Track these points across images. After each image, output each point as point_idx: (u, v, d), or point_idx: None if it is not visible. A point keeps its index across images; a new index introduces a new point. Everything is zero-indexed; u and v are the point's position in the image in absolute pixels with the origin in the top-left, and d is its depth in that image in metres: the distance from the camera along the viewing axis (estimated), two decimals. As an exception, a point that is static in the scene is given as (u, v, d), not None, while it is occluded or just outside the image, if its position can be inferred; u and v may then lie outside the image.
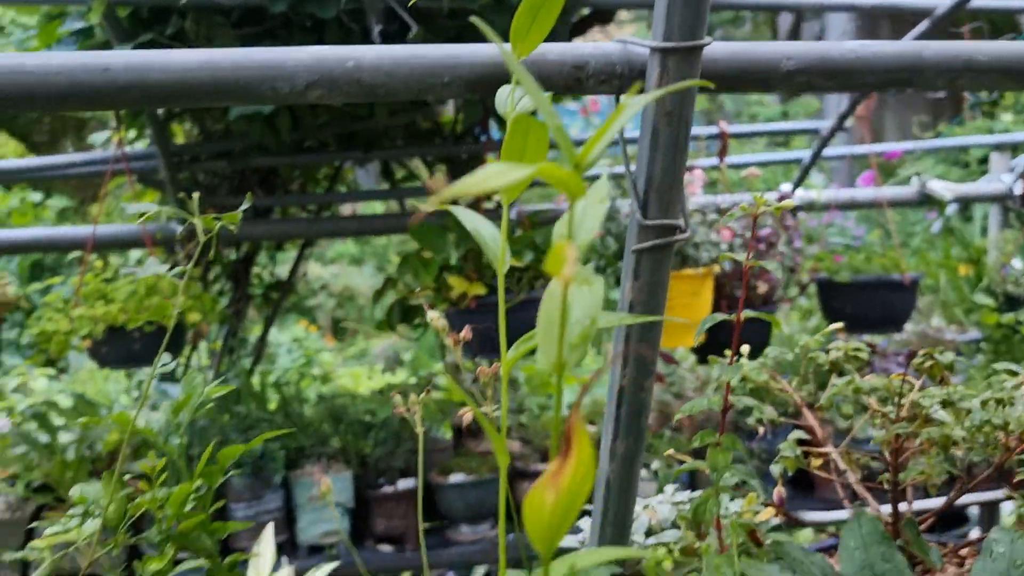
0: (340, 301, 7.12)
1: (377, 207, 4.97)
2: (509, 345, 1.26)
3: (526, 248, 2.44)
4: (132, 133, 2.67)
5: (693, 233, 2.52)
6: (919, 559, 1.02)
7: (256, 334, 3.41)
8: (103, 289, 2.26)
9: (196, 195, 0.89)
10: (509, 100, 0.53)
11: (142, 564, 0.76)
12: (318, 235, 3.05)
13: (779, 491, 0.97)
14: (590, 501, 0.95)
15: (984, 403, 1.03)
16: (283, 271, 3.43)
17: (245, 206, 0.86)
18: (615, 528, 0.86)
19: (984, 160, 7.07)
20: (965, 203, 3.75)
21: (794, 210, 2.99)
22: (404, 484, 2.60)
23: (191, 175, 2.68)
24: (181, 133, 2.71)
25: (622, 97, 0.80)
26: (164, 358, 1.15)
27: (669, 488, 1.06)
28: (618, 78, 0.75)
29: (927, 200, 3.27)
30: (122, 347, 2.23)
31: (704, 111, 8.10)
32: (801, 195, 3.05)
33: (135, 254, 3.39)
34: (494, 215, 2.59)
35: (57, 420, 2.49)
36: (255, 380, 2.95)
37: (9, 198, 6.02)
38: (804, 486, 2.74)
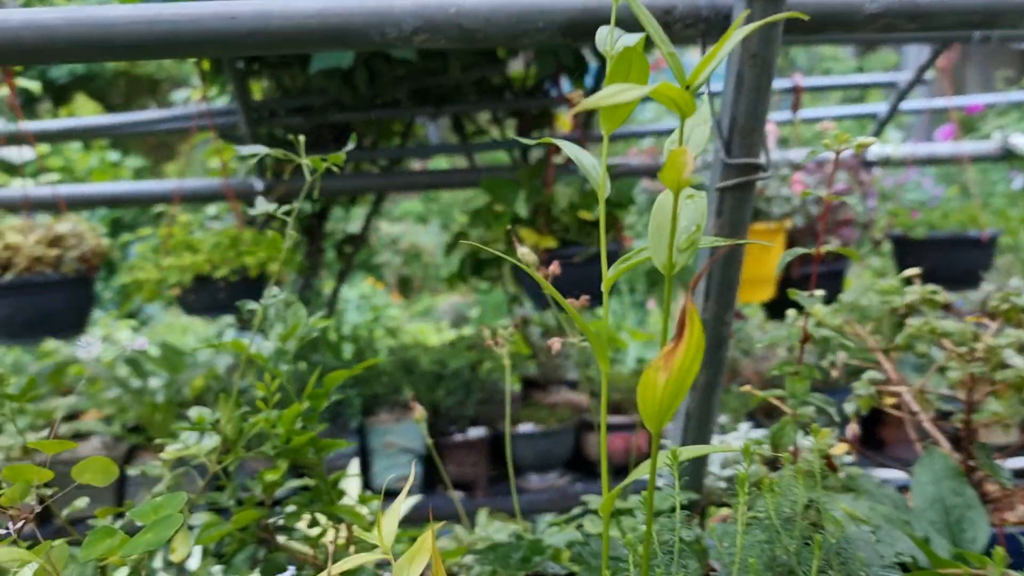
0: (406, 259, 7.24)
1: (444, 163, 5.03)
2: (583, 293, 1.29)
3: (596, 201, 2.46)
4: (212, 91, 2.77)
5: (767, 183, 2.51)
6: (989, 495, 1.05)
7: (329, 288, 3.51)
8: (189, 240, 2.36)
9: (301, 138, 0.95)
10: (608, 38, 0.56)
11: (260, 475, 0.83)
12: (390, 188, 3.11)
13: (853, 427, 1.00)
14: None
15: (1062, 346, 1.04)
16: (354, 228, 3.52)
17: (350, 146, 0.91)
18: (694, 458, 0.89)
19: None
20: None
21: (869, 165, 2.94)
22: (474, 432, 2.68)
23: (269, 131, 2.77)
24: (259, 90, 2.79)
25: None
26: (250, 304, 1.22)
27: (744, 425, 1.10)
28: (704, 22, 0.78)
29: (1009, 155, 3.19)
30: (208, 295, 2.33)
31: (776, 68, 7.92)
32: (877, 151, 3.01)
33: (210, 209, 3.51)
34: (563, 169, 2.62)
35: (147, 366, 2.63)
36: (330, 332, 3.05)
37: (89, 157, 6.24)
38: (873, 445, 2.74)
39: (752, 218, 2.59)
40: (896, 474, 2.23)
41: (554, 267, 0.88)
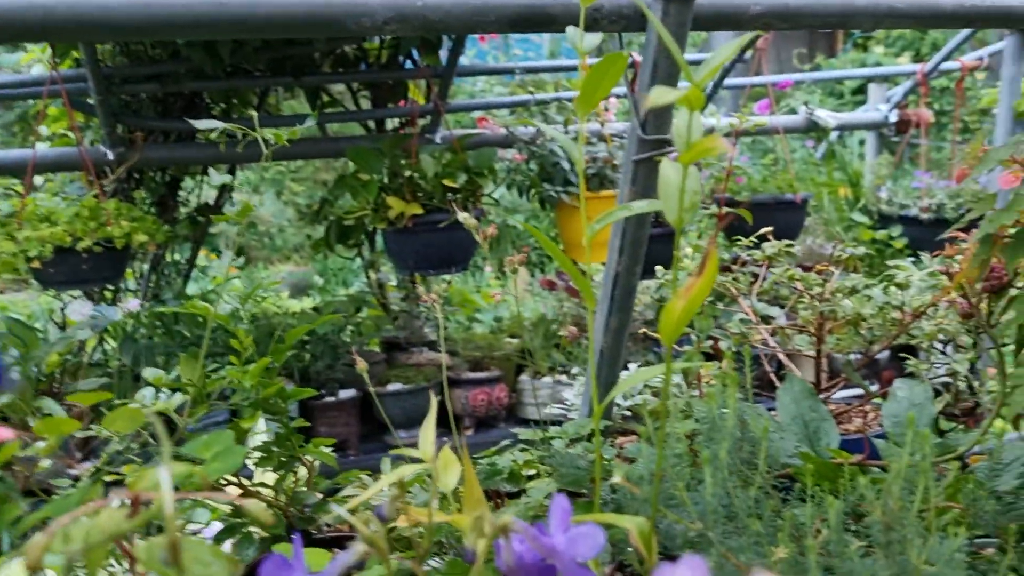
0: (241, 229, 7.07)
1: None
2: (449, 257, 1.41)
3: (459, 170, 2.58)
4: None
5: (615, 154, 2.71)
6: (833, 412, 1.27)
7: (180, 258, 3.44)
8: (47, 210, 2.28)
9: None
10: (578, 37, 0.69)
11: (235, 423, 0.91)
12: (244, 160, 3.09)
13: (727, 360, 1.19)
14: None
15: (885, 288, 1.28)
16: (207, 198, 3.45)
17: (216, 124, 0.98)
18: (604, 390, 1.05)
19: (857, 91, 7.57)
20: (845, 130, 4.10)
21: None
22: (345, 394, 2.76)
23: (118, 98, 2.69)
24: (108, 56, 2.69)
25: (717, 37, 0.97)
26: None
27: (632, 366, 1.27)
28: (625, 19, 0.91)
29: (814, 127, 3.58)
30: (70, 268, 2.27)
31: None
32: (704, 122, 3.29)
33: (38, 180, 3.33)
34: (421, 139, 2.72)
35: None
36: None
37: None
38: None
39: (599, 185, 2.80)
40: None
41: (492, 229, 0.99)
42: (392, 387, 2.80)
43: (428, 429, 0.62)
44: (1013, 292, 0.78)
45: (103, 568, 0.60)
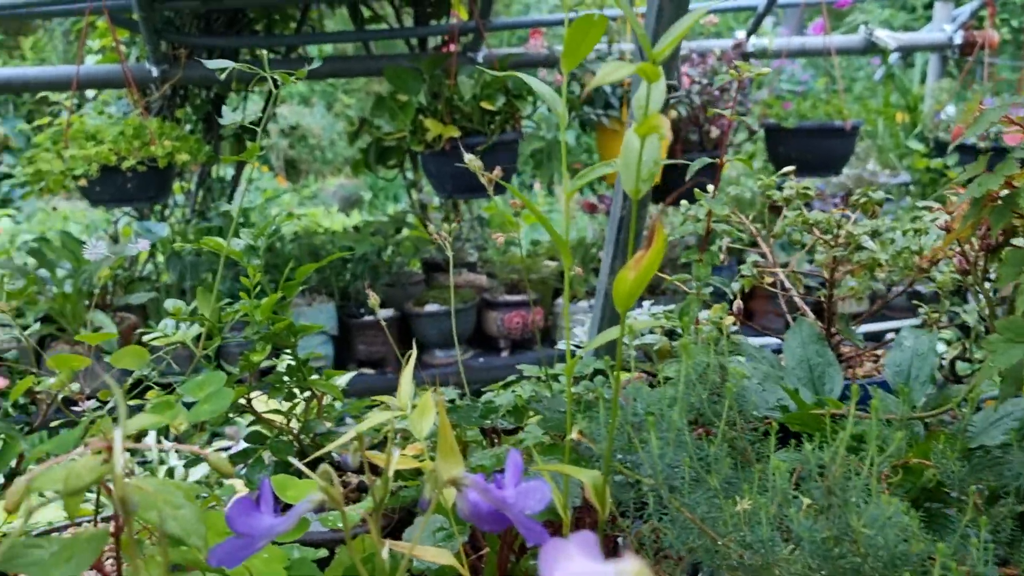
0: (291, 142, 7.12)
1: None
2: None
3: (498, 92, 2.56)
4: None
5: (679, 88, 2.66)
6: (843, 355, 1.28)
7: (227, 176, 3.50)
8: (91, 129, 2.34)
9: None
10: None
11: (246, 355, 0.95)
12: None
13: (738, 304, 1.19)
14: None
15: (904, 232, 1.26)
16: (251, 115, 3.48)
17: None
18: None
19: (929, 5, 7.21)
20: (907, 52, 3.93)
21: (747, 56, 3.13)
22: (383, 313, 2.83)
23: (161, 15, 2.71)
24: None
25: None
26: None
27: (647, 303, 1.28)
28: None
29: (872, 48, 3.45)
30: (115, 186, 2.34)
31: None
32: (754, 42, 3.19)
33: (88, 94, 3.39)
34: (463, 59, 2.70)
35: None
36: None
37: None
38: (745, 317, 3.04)
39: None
40: (770, 341, 2.53)
41: (497, 171, 1.00)
42: (430, 308, 2.85)
43: (406, 378, 0.65)
44: (1008, 250, 0.77)
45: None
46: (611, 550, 0.82)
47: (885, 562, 0.59)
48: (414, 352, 0.68)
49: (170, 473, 1.11)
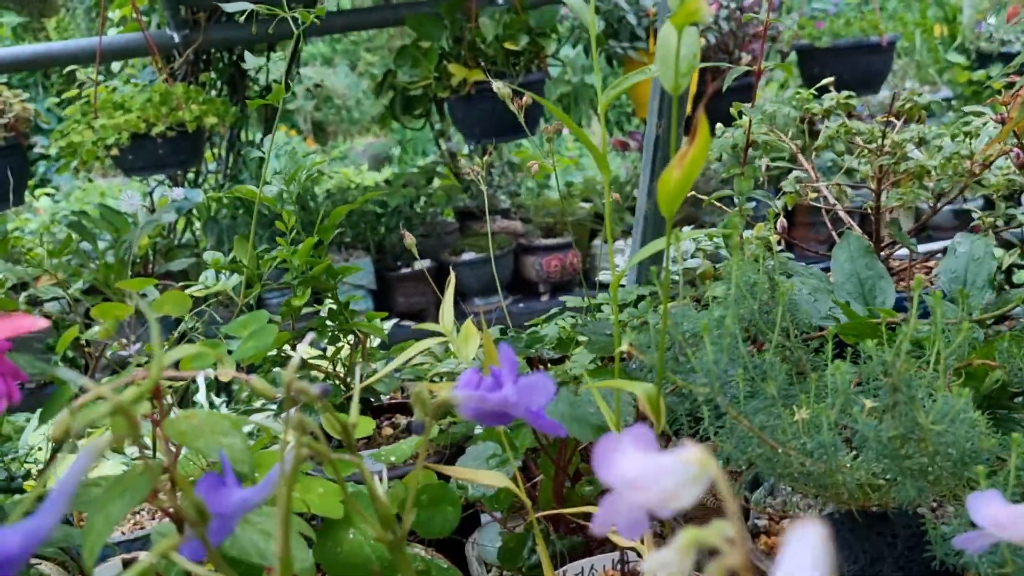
0: (317, 103, 7.10)
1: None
2: (513, 123, 1.39)
3: (520, 32, 2.51)
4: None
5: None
6: (892, 269, 1.24)
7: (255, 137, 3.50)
8: (119, 99, 2.34)
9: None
10: None
11: (287, 301, 0.95)
12: (307, 33, 3.07)
13: (782, 221, 1.16)
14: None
15: (954, 137, 1.21)
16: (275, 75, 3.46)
17: None
18: (651, 256, 1.04)
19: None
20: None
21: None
22: (420, 264, 2.82)
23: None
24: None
25: None
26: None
27: (687, 228, 1.26)
28: None
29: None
30: (147, 153, 2.34)
31: None
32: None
33: (115, 66, 3.40)
34: (483, 1, 2.64)
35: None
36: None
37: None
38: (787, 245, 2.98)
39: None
40: (814, 266, 2.49)
41: (526, 97, 0.97)
42: (466, 256, 2.84)
43: (447, 305, 0.64)
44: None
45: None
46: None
47: (954, 460, 0.57)
48: (452, 277, 0.67)
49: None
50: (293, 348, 1.00)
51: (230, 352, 0.70)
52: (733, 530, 0.31)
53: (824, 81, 1.33)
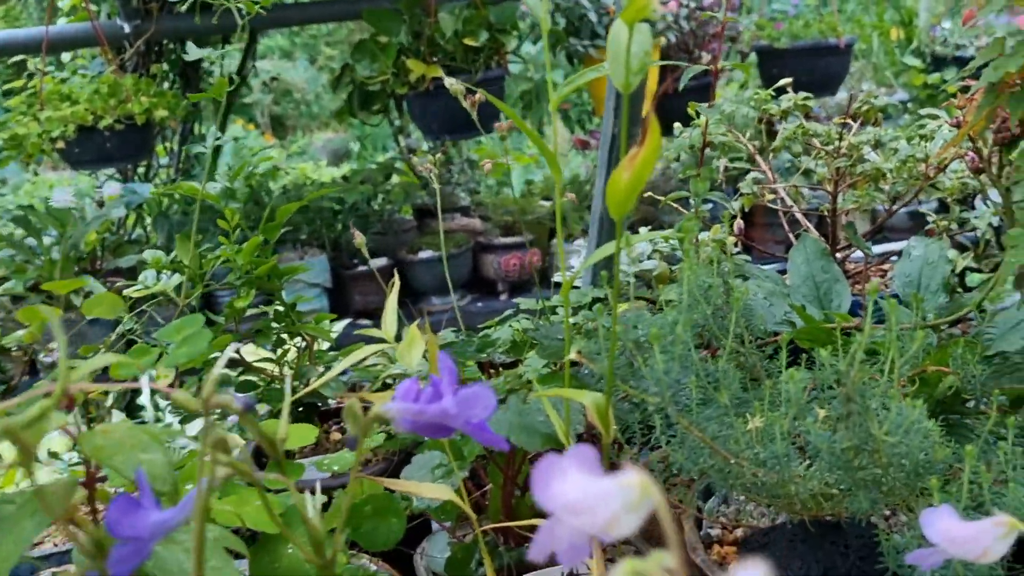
0: (276, 97, 6.99)
1: None
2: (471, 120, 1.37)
3: (480, 27, 2.48)
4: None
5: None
6: (848, 272, 1.24)
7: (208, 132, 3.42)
8: (66, 90, 2.27)
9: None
10: None
11: (230, 302, 0.91)
12: (262, 26, 3.02)
13: (739, 223, 1.15)
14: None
15: (909, 139, 1.21)
16: (230, 68, 3.40)
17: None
18: (607, 257, 1.03)
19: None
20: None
21: (735, -22, 3.04)
22: (376, 263, 2.78)
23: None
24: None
25: None
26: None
27: (644, 229, 1.24)
28: None
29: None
30: (94, 147, 2.28)
31: None
32: (742, -37, 3.10)
33: (65, 57, 3.30)
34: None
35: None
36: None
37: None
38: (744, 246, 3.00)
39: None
40: (770, 269, 2.50)
41: (479, 95, 0.95)
42: (423, 254, 2.81)
43: (389, 311, 0.61)
44: (1024, 144, 0.73)
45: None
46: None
47: (908, 471, 0.56)
48: (396, 280, 0.64)
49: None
50: (239, 352, 0.96)
51: (161, 357, 0.67)
52: (674, 561, 0.29)
53: (782, 82, 1.32)
